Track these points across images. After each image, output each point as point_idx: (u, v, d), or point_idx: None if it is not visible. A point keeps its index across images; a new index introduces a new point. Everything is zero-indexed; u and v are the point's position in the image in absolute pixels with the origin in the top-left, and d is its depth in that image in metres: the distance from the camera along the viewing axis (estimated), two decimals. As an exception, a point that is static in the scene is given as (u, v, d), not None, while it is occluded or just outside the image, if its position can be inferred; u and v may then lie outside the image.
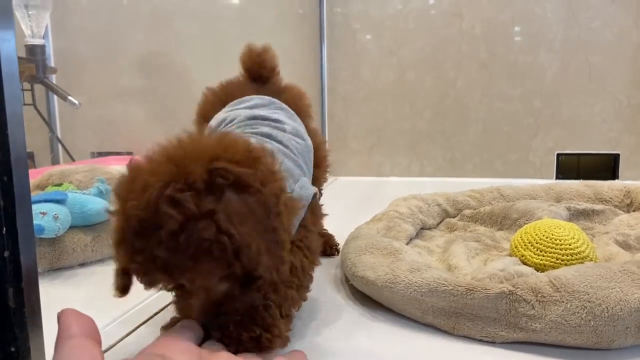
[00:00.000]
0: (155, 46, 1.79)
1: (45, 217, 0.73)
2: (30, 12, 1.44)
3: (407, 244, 0.79)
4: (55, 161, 1.69)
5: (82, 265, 0.80)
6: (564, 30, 1.52)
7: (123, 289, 0.45)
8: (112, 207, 0.42)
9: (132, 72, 1.79)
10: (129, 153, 1.76)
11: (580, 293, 0.51)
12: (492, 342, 0.53)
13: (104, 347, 0.49)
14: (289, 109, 0.69)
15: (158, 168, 0.41)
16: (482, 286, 0.54)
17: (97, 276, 0.78)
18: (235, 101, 0.69)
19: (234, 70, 1.71)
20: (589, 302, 0.50)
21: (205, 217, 0.39)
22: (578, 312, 0.50)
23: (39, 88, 1.60)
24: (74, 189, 0.89)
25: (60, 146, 1.67)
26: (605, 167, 1.50)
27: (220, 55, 1.73)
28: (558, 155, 1.55)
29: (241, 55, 0.74)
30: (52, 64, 1.69)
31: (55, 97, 1.68)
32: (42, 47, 1.49)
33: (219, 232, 0.39)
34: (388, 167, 1.70)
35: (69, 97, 1.47)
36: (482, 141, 1.61)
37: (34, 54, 1.46)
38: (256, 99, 0.69)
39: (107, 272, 0.80)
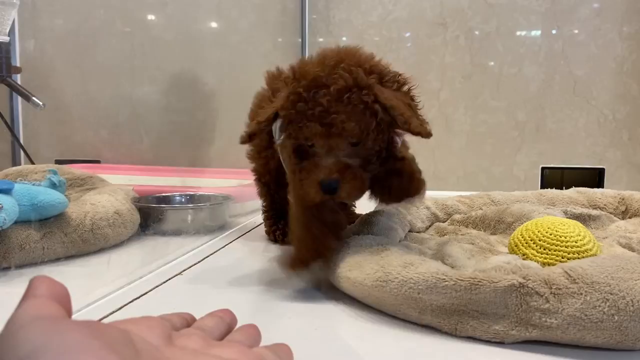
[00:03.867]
0: (127, 51, 1.72)
1: (-12, 206, 0.64)
2: (-6, 7, 1.36)
3: (395, 244, 0.72)
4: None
5: (32, 264, 0.71)
6: (549, 43, 1.50)
7: (251, 136, 0.59)
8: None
9: (102, 77, 1.71)
10: (97, 161, 1.66)
11: (600, 284, 0.44)
12: (501, 343, 0.46)
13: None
14: None
15: (331, 54, 0.57)
16: (489, 279, 0.47)
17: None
18: None
19: (212, 74, 1.65)
20: (611, 294, 0.44)
21: (367, 88, 0.53)
22: (600, 306, 0.43)
23: (1, 90, 1.50)
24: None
25: (22, 152, 1.57)
26: (590, 181, 1.46)
27: (198, 59, 1.67)
28: (543, 169, 1.51)
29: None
30: (17, 64, 1.60)
31: (20, 100, 1.59)
32: (6, 44, 1.40)
33: (375, 102, 0.54)
34: (369, 180, 1.64)
35: (33, 98, 1.38)
36: (466, 154, 1.57)
37: (-3, 51, 1.37)
38: None
39: (59, 273, 0.71)
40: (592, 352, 0.44)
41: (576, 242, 0.61)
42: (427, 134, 0.55)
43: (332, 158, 0.56)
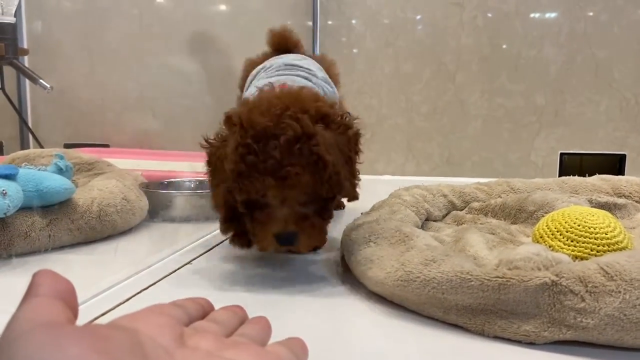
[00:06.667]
0: (136, 33, 1.69)
1: (-8, 192, 0.61)
2: (0, -12, 1.33)
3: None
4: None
5: (36, 252, 0.69)
6: (570, 23, 1.44)
7: (227, 221, 0.60)
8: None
9: (111, 59, 1.68)
10: (105, 145, 1.64)
11: (640, 282, 0.41)
12: (531, 343, 0.43)
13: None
14: (318, 65, 0.81)
15: (276, 100, 0.55)
16: (518, 277, 0.44)
17: (53, 266, 0.66)
18: (271, 59, 0.83)
19: (221, 56, 1.62)
20: (653, 292, 0.40)
21: (314, 137, 0.52)
22: (640, 305, 0.40)
23: (9, 72, 1.48)
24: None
25: (30, 136, 1.56)
26: (610, 168, 1.42)
27: (208, 41, 1.63)
28: (561, 155, 1.47)
29: (267, 37, 0.90)
30: (25, 45, 1.58)
31: (27, 83, 1.57)
32: (13, 25, 1.38)
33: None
34: (382, 165, 1.61)
35: (40, 80, 1.35)
36: (482, 139, 1.53)
37: (4, 32, 1.34)
38: (291, 55, 0.83)
39: (66, 262, 0.69)
40: (630, 354, 0.41)
41: (606, 234, 0.58)
42: (353, 198, 0.60)
43: (286, 209, 0.55)
